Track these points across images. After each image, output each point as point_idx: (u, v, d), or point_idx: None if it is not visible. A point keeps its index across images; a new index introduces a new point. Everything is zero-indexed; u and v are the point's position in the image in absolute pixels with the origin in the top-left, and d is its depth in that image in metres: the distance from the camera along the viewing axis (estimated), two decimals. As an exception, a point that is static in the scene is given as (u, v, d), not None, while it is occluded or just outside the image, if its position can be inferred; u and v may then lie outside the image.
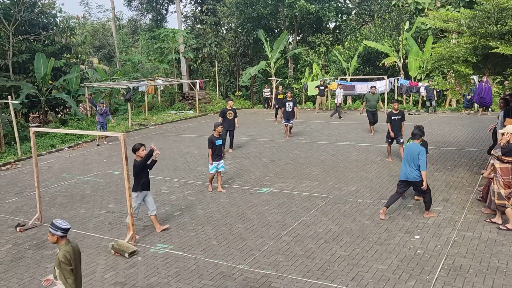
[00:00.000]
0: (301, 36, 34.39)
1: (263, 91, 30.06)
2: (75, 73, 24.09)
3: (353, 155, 14.45)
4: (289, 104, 17.19)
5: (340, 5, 33.08)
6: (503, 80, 23.77)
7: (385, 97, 24.43)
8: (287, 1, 28.94)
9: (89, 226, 9.39)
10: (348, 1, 34.64)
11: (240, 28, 33.80)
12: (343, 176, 12.15)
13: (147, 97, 28.13)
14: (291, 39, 34.01)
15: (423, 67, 25.22)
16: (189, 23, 36.65)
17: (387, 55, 27.13)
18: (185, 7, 39.61)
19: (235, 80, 35.63)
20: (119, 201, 10.88)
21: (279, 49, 29.95)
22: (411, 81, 25.76)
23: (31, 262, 7.80)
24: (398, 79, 25.78)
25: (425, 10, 26.44)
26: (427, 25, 25.91)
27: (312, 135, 18.47)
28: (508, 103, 11.51)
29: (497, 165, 8.19)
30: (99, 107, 18.09)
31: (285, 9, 31.38)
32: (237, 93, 34.69)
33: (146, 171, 8.71)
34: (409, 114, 23.25)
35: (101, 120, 18.12)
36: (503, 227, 8.20)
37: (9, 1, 22.55)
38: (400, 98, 26.73)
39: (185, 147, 17.25)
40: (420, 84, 24.78)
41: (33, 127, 14.88)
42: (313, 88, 27.24)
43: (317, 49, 31.65)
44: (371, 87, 18.09)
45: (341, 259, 7.31)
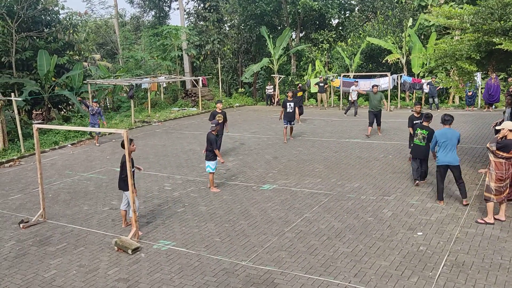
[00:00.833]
0: (304, 33, 34.35)
1: (266, 88, 30.07)
2: (78, 70, 24.14)
3: (356, 152, 14.43)
4: (290, 104, 16.01)
5: (343, 1, 33.01)
6: (507, 76, 23.73)
7: (388, 94, 24.38)
8: (290, -2, 28.92)
9: (92, 222, 9.42)
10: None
11: (243, 25, 33.77)
12: (346, 173, 12.14)
13: (150, 94, 28.15)
14: (294, 36, 33.96)
15: (426, 64, 25.16)
16: (192, 20, 36.63)
17: (390, 52, 27.06)
18: (187, 4, 39.71)
19: (238, 77, 35.61)
20: (122, 198, 10.88)
21: (282, 46, 29.90)
22: (414, 78, 25.71)
23: (34, 258, 7.83)
24: (401, 76, 25.72)
25: (428, 6, 26.36)
26: (430, 21, 25.84)
27: (315, 132, 18.46)
28: None
29: (492, 159, 8.26)
30: (91, 107, 17.35)
31: (288, 6, 31.35)
32: (240, 90, 34.70)
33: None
34: (412, 111, 23.14)
35: (92, 120, 17.27)
36: (481, 221, 8.31)
37: (12, -2, 22.60)
38: (403, 95, 26.70)
39: (188, 144, 17.26)
40: (423, 81, 24.73)
41: (36, 124, 14.93)
42: (313, 85, 27.24)
43: (320, 46, 31.60)
44: (373, 86, 17.14)
45: (344, 255, 7.32)
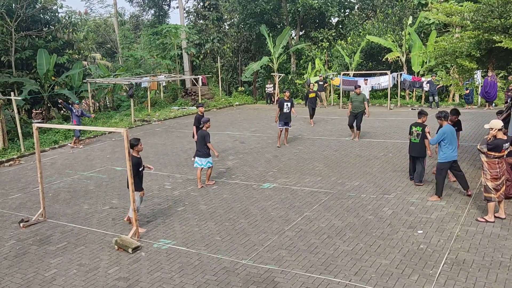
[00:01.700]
0: (304, 31, 34.31)
1: (266, 86, 30.05)
2: (78, 69, 24.11)
3: (356, 151, 14.42)
4: (287, 104, 15.02)
5: (342, 0, 32.96)
6: (507, 74, 23.72)
7: (388, 92, 24.38)
8: (289, -4, 28.89)
9: (92, 221, 9.42)
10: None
11: (242, 23, 33.73)
12: (346, 171, 12.14)
13: (150, 93, 28.14)
14: (293, 35, 33.94)
15: (426, 62, 25.15)
16: (191, 19, 36.61)
17: (390, 50, 27.05)
18: (187, 2, 39.66)
19: (238, 75, 35.59)
20: (122, 197, 10.90)
21: (281, 44, 29.87)
22: (414, 76, 25.70)
23: (34, 257, 7.83)
24: (401, 74, 25.73)
25: (428, 4, 26.34)
26: (430, 19, 25.84)
27: (314, 130, 18.44)
28: None
29: (484, 160, 8.28)
30: (75, 109, 17.03)
31: (288, 4, 31.30)
32: (240, 88, 34.68)
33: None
34: (412, 109, 23.20)
35: (78, 123, 16.94)
36: (481, 219, 8.31)
37: (11, -2, 22.55)
38: (403, 93, 26.69)
39: (188, 143, 17.25)
40: (423, 79, 24.72)
41: (36, 123, 14.90)
42: (313, 83, 27.19)
43: (319, 44, 31.57)
44: (355, 87, 16.10)
45: (344, 254, 7.31)
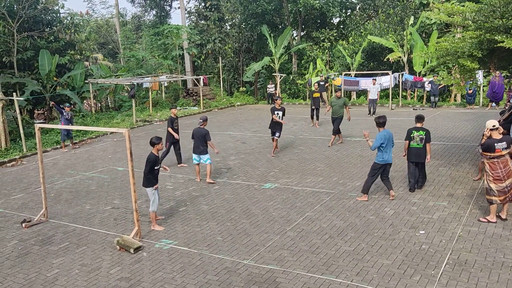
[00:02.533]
0: (305, 31, 34.31)
1: (267, 87, 30.03)
2: (80, 69, 24.16)
3: (357, 151, 14.42)
4: (277, 113, 14.17)
5: (344, 0, 32.95)
6: (509, 75, 23.67)
7: (390, 93, 24.36)
8: (291, -3, 28.89)
9: (94, 222, 9.43)
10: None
11: (244, 24, 33.75)
12: (348, 171, 12.13)
13: (151, 93, 28.15)
14: (295, 35, 33.93)
15: (428, 63, 25.12)
16: (193, 19, 36.63)
17: (391, 50, 27.03)
18: (188, 3, 39.80)
19: (239, 76, 35.60)
20: (124, 197, 10.91)
21: (283, 44, 29.87)
22: (416, 76, 25.68)
23: (37, 257, 7.84)
24: (402, 74, 25.70)
25: (430, 4, 26.31)
26: (431, 19, 25.81)
27: (316, 130, 18.44)
28: None
29: (485, 161, 8.25)
30: (66, 112, 16.73)
31: (289, 5, 31.31)
32: (241, 89, 34.69)
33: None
34: (414, 109, 23.18)
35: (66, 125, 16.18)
36: (483, 219, 8.29)
37: (12, -2, 22.61)
38: (404, 93, 26.67)
39: (189, 143, 17.18)
40: (425, 79, 24.70)
41: (38, 123, 14.93)
42: (314, 83, 27.19)
43: (321, 45, 31.57)
44: (336, 90, 15.53)
45: (346, 254, 7.31)
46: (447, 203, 9.32)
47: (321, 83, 25.77)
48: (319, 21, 33.25)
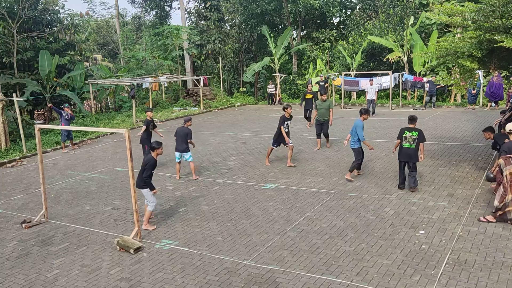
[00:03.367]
0: (305, 31, 34.33)
1: (267, 87, 30.05)
2: (80, 70, 24.16)
3: (357, 151, 14.39)
4: (287, 123, 12.76)
5: (344, 0, 32.96)
6: (509, 75, 23.67)
7: (390, 93, 24.36)
8: (290, -3, 28.91)
9: (94, 222, 9.44)
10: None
11: (244, 24, 33.77)
12: (348, 171, 12.11)
13: (152, 93, 28.17)
14: (295, 35, 33.94)
15: (428, 63, 25.12)
16: (193, 20, 36.66)
17: (391, 50, 27.03)
18: (188, 3, 39.70)
19: (239, 76, 35.63)
20: (124, 198, 10.92)
21: (283, 45, 29.88)
22: (416, 76, 25.67)
23: (37, 258, 7.85)
24: (402, 75, 25.70)
25: (430, 4, 26.32)
26: (431, 20, 25.81)
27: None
28: None
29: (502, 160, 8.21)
30: (65, 113, 16.71)
31: (289, 5, 31.32)
32: (241, 89, 34.70)
33: None
34: (414, 109, 23.17)
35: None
36: (483, 219, 8.29)
37: (12, -1, 22.63)
38: (404, 93, 26.67)
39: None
40: (425, 79, 24.69)
41: (38, 124, 14.93)
42: (314, 84, 27.19)
43: (321, 45, 31.58)
44: (321, 94, 15.33)
45: (346, 254, 7.31)
46: (447, 203, 9.32)
47: (321, 83, 25.81)
48: (319, 21, 33.27)
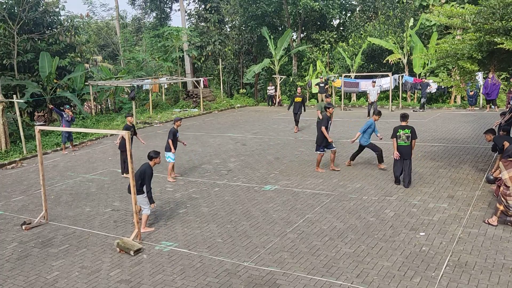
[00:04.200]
0: (305, 33, 34.37)
1: (267, 88, 30.08)
2: (80, 71, 24.18)
3: (357, 152, 14.40)
4: (330, 122, 12.49)
5: (344, 2, 33.01)
6: (509, 76, 23.69)
7: (390, 94, 24.37)
8: (290, -1, 28.94)
9: (94, 224, 9.43)
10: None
11: (244, 26, 33.80)
12: (348, 173, 12.13)
13: (152, 95, 28.17)
14: (295, 37, 33.97)
15: (428, 64, 25.12)
16: (193, 21, 36.70)
17: (391, 52, 27.05)
18: (188, 5, 39.82)
19: (239, 77, 35.65)
20: (124, 199, 10.91)
21: (283, 46, 29.91)
22: (416, 78, 25.68)
23: (37, 260, 7.84)
24: (402, 76, 25.71)
25: (430, 6, 26.34)
26: (431, 21, 25.82)
27: (316, 132, 18.38)
28: None
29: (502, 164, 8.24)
30: (66, 114, 16.59)
31: (289, 7, 31.37)
32: (241, 90, 34.72)
33: None
34: (414, 111, 23.18)
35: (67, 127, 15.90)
36: (486, 222, 8.29)
37: (13, 1, 22.63)
38: (404, 95, 26.68)
39: (189, 145, 17.26)
40: (425, 81, 24.70)
41: (38, 125, 14.93)
42: (314, 85, 27.24)
43: (321, 47, 31.60)
44: (325, 96, 15.83)
45: (346, 256, 7.30)
46: (447, 205, 9.31)
47: (321, 85, 25.84)
48: (319, 23, 33.30)
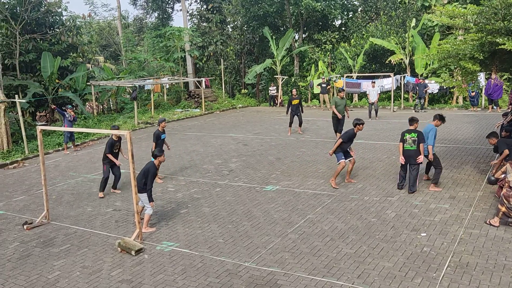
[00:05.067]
0: (307, 33, 34.36)
1: (269, 89, 30.08)
2: (82, 71, 24.21)
3: (359, 153, 14.39)
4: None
5: (346, 2, 32.99)
6: (511, 77, 23.65)
7: (392, 95, 24.35)
8: (292, -1, 28.94)
9: (95, 224, 9.44)
10: (354, -2, 34.56)
11: (245, 26, 33.82)
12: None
13: (153, 95, 28.21)
14: (297, 37, 33.96)
15: (430, 65, 25.09)
16: (195, 21, 36.71)
17: (393, 53, 27.02)
18: (190, 5, 39.73)
19: (241, 78, 35.67)
20: (125, 199, 10.92)
21: (285, 46, 29.92)
22: (418, 78, 25.64)
23: (38, 259, 7.85)
24: (404, 77, 25.68)
25: (432, 6, 26.30)
26: (433, 22, 25.78)
27: (318, 132, 18.43)
28: None
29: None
30: (68, 114, 16.71)
31: (291, 7, 31.36)
32: (243, 91, 34.73)
33: None
34: (415, 111, 23.15)
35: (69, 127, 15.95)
36: (488, 222, 8.28)
37: (15, 1, 22.67)
38: (406, 95, 26.65)
39: (191, 145, 17.28)
40: (426, 81, 24.67)
41: (40, 125, 14.95)
42: (316, 86, 27.23)
43: (323, 47, 31.59)
44: (339, 90, 16.04)
45: (347, 256, 7.30)
46: (448, 206, 9.30)
47: (323, 85, 25.82)
48: (321, 23, 33.29)
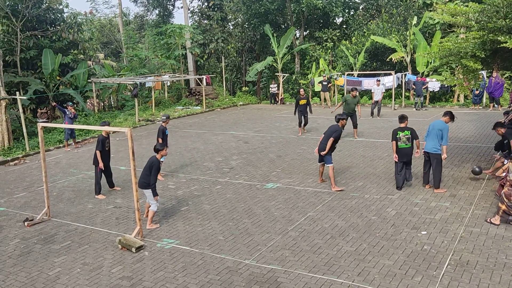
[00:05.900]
0: (308, 31, 34.28)
1: (270, 86, 30.05)
2: (83, 69, 24.21)
3: (359, 151, 14.40)
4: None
5: (347, 0, 32.90)
6: (512, 75, 23.62)
7: (393, 93, 24.33)
8: (294, -4, 28.87)
9: (96, 221, 9.45)
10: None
11: (246, 23, 33.75)
12: (350, 171, 12.12)
13: (154, 92, 28.21)
14: (298, 35, 33.90)
15: (431, 63, 25.06)
16: (196, 19, 36.64)
17: (394, 50, 26.97)
18: (191, 2, 39.65)
19: (242, 75, 35.62)
20: (126, 196, 10.93)
21: (286, 44, 29.87)
22: (419, 76, 25.61)
23: (39, 256, 7.86)
24: (405, 75, 25.63)
25: (433, 4, 26.25)
26: (435, 19, 25.74)
27: (318, 130, 18.41)
28: None
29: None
30: (68, 111, 16.64)
31: (292, 5, 31.27)
32: (244, 88, 34.71)
33: None
34: (417, 109, 23.13)
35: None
36: (488, 221, 8.27)
37: (16, -2, 22.68)
38: (407, 93, 26.62)
39: (191, 142, 17.28)
40: (428, 79, 24.64)
41: (41, 122, 14.95)
42: (317, 83, 27.20)
43: (324, 45, 31.53)
44: (352, 89, 17.08)
45: (348, 254, 7.30)
46: (449, 204, 9.30)
47: (324, 83, 25.80)
48: (322, 21, 33.20)
